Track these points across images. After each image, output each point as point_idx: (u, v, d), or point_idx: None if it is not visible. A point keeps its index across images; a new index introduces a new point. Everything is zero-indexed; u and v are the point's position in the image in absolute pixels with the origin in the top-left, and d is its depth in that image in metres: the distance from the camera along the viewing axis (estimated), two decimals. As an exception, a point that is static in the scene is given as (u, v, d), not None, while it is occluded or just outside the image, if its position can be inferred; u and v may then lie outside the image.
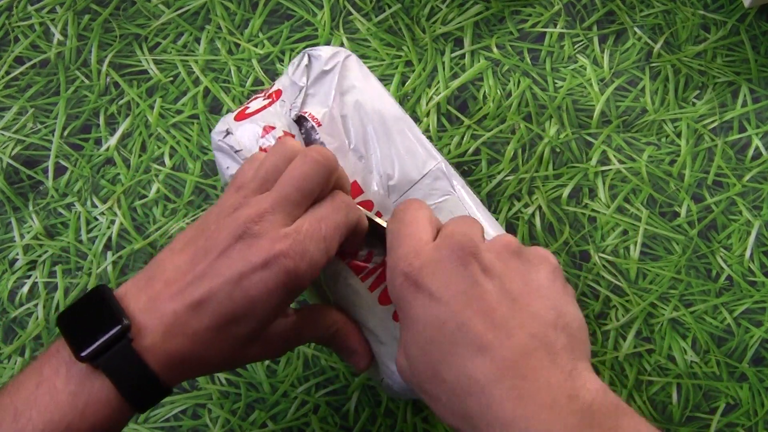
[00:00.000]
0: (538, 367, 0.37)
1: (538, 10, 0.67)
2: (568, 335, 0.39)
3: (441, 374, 0.38)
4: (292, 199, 0.43)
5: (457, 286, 0.39)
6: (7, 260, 0.63)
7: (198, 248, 0.42)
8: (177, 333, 0.41)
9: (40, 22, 0.67)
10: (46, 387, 0.40)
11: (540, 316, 0.39)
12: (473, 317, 0.38)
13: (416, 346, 0.40)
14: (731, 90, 0.65)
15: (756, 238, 0.62)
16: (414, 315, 0.40)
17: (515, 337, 0.38)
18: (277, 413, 0.60)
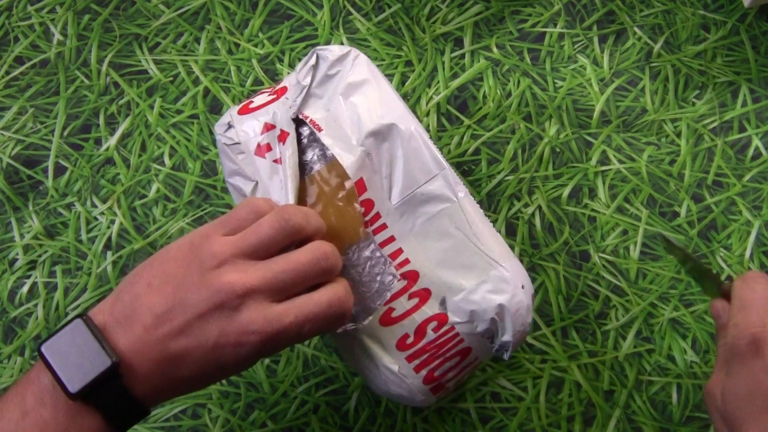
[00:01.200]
0: None
1: (538, 10, 0.67)
2: None
3: (744, 425, 0.45)
4: (282, 286, 0.43)
5: None
6: (7, 260, 0.63)
7: (176, 296, 0.42)
8: (160, 372, 0.42)
9: (40, 22, 0.67)
10: (33, 418, 0.40)
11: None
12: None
13: (734, 394, 0.46)
14: (731, 90, 0.65)
15: (756, 238, 0.62)
16: (745, 372, 0.46)
17: None
18: (277, 413, 0.60)
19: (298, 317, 0.43)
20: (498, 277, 0.49)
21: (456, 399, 0.60)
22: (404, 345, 0.49)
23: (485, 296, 0.48)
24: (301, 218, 0.45)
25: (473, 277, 0.49)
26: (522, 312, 0.49)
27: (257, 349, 0.42)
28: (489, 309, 0.48)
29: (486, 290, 0.48)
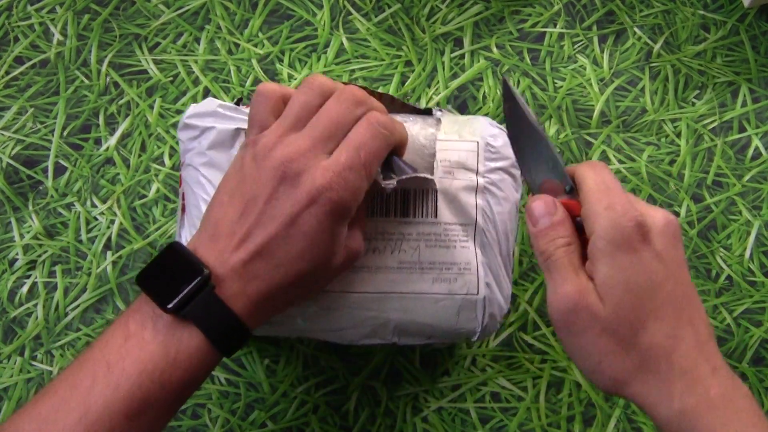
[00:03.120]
0: (717, 355, 0.42)
1: (538, 10, 0.67)
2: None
3: (647, 324, 0.41)
4: (327, 134, 0.44)
5: (676, 257, 0.42)
6: (6, 260, 0.63)
7: (244, 197, 0.43)
8: (251, 278, 0.43)
9: (40, 22, 0.67)
10: (135, 340, 0.42)
11: (704, 315, 0.43)
12: (683, 293, 0.41)
13: (630, 290, 0.41)
14: (731, 90, 0.65)
15: (756, 238, 0.62)
16: (637, 262, 0.41)
17: (703, 324, 0.42)
18: (277, 413, 0.60)
19: (349, 150, 0.43)
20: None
21: (456, 399, 0.60)
22: None
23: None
24: (325, 79, 0.46)
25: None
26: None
27: (332, 202, 0.42)
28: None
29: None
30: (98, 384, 0.41)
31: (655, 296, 0.41)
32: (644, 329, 0.40)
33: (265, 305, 0.44)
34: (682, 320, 0.41)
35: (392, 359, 0.60)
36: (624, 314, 0.40)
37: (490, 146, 0.51)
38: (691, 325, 0.41)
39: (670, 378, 0.40)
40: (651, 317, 0.41)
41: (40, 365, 0.61)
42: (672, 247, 0.42)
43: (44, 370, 0.61)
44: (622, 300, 0.40)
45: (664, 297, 0.41)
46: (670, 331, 0.41)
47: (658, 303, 0.41)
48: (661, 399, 0.40)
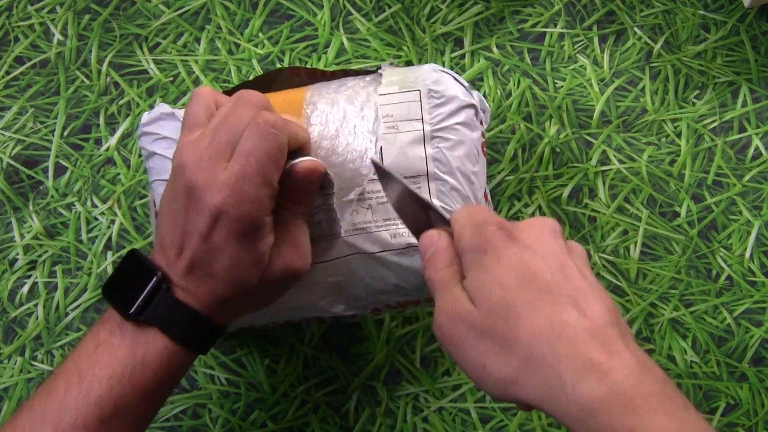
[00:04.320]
0: (619, 338, 0.38)
1: (538, 10, 0.67)
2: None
3: (524, 316, 0.38)
4: (224, 141, 0.43)
5: (549, 248, 0.40)
6: (7, 260, 0.63)
7: (171, 209, 0.44)
8: (199, 283, 0.44)
9: (40, 22, 0.67)
10: (104, 347, 0.43)
11: (607, 302, 0.40)
12: (565, 278, 0.39)
13: (498, 285, 0.39)
14: (731, 90, 0.65)
15: (756, 238, 0.62)
16: (503, 257, 0.40)
17: (598, 308, 0.39)
18: (277, 413, 0.60)
19: (240, 159, 0.43)
20: None
21: (456, 399, 0.60)
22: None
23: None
24: (251, 92, 0.46)
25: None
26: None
27: (232, 219, 0.42)
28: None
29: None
30: (71, 392, 0.42)
31: (529, 286, 0.39)
32: (521, 320, 0.38)
33: (224, 306, 0.45)
34: (565, 306, 0.38)
35: (392, 359, 0.60)
36: (496, 311, 0.39)
37: (433, 92, 0.50)
38: (578, 309, 0.38)
39: (558, 367, 0.37)
40: (526, 307, 0.38)
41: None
42: (546, 240, 0.41)
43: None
44: (491, 297, 0.39)
45: (541, 285, 0.39)
46: (552, 318, 0.38)
47: (533, 292, 0.39)
48: (552, 391, 0.37)
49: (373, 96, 0.50)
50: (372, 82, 0.51)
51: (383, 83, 0.50)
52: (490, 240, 0.40)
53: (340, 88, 0.52)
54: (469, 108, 0.51)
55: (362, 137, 0.49)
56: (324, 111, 0.50)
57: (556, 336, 0.38)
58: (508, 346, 0.38)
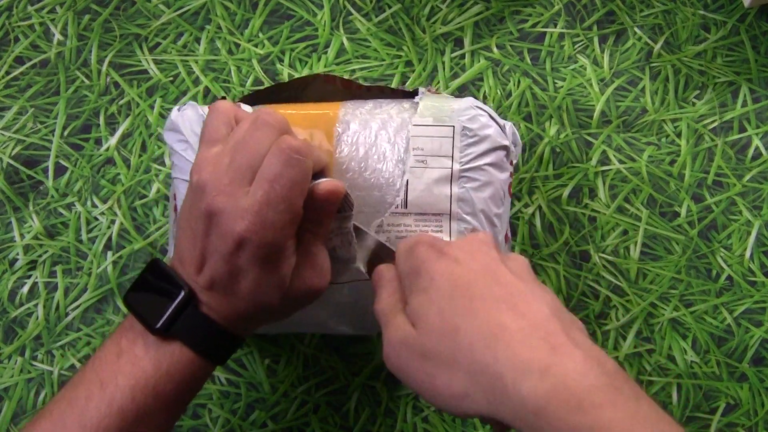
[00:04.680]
0: (562, 333, 0.37)
1: (538, 10, 0.67)
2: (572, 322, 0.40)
3: (461, 326, 0.38)
4: (245, 165, 0.43)
5: (481, 259, 0.41)
6: (7, 260, 0.63)
7: (190, 226, 0.44)
8: (220, 299, 0.44)
9: (40, 22, 0.67)
10: (127, 357, 0.43)
11: (547, 299, 0.40)
12: (497, 283, 0.40)
13: (433, 304, 0.39)
14: (731, 90, 0.65)
15: (756, 238, 0.62)
16: (435, 275, 0.40)
17: (536, 306, 0.39)
18: (277, 413, 0.60)
19: (264, 186, 0.42)
20: None
21: (456, 399, 0.60)
22: None
23: None
24: (240, 109, 0.47)
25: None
26: None
27: (256, 246, 0.42)
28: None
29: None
30: (92, 401, 0.42)
31: (463, 297, 0.39)
32: (459, 331, 0.38)
33: (245, 321, 0.45)
34: (501, 311, 0.38)
35: (392, 359, 0.60)
36: (435, 329, 0.39)
37: (467, 129, 0.49)
38: (514, 311, 0.38)
39: (499, 371, 0.36)
40: (462, 318, 0.38)
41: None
42: (476, 251, 0.41)
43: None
44: (429, 318, 0.39)
45: (474, 294, 0.39)
46: (488, 322, 0.37)
47: (466, 302, 0.38)
48: (498, 397, 0.36)
49: (406, 124, 0.49)
50: (408, 110, 0.50)
51: (418, 112, 0.50)
52: (421, 259, 0.41)
53: (374, 110, 0.51)
54: (501, 149, 0.51)
55: (391, 165, 0.49)
56: (356, 132, 0.50)
57: (494, 339, 0.37)
58: (451, 361, 0.38)
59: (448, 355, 0.38)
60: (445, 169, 0.49)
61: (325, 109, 0.52)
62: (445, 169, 0.49)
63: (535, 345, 0.36)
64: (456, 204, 0.48)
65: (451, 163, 0.49)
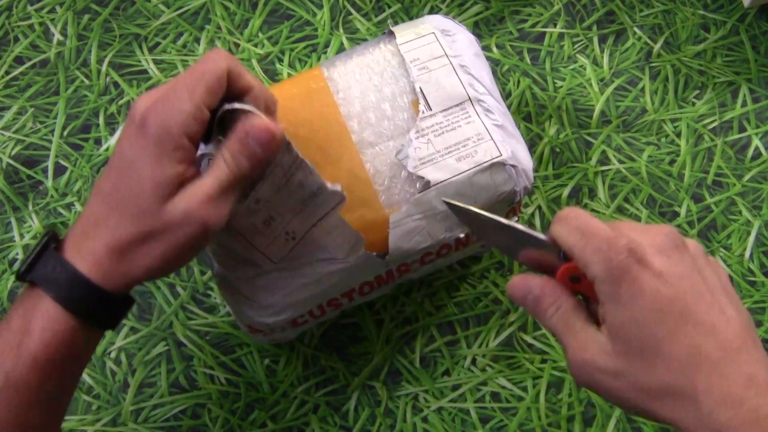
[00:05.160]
0: (753, 357, 0.39)
1: (538, 10, 0.67)
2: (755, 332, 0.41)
3: (662, 348, 0.39)
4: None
5: (679, 268, 0.40)
6: (7, 260, 0.62)
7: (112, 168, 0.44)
8: (95, 229, 0.42)
9: (40, 22, 0.67)
10: (6, 319, 0.42)
11: (741, 310, 0.40)
12: (697, 299, 0.39)
13: (635, 324, 0.39)
14: (731, 90, 0.65)
15: (756, 238, 0.62)
16: (637, 290, 0.39)
17: (734, 326, 0.39)
18: (277, 413, 0.60)
19: (174, 79, 0.42)
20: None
21: (456, 399, 0.60)
22: None
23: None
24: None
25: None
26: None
27: (154, 125, 0.41)
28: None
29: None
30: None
31: (665, 318, 0.39)
32: (659, 356, 0.39)
33: (118, 260, 0.42)
34: (701, 334, 0.39)
35: (392, 359, 0.60)
36: (633, 350, 0.39)
37: (445, 32, 0.54)
38: (713, 335, 0.39)
39: (698, 399, 0.38)
40: (662, 342, 0.39)
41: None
42: (673, 258, 0.40)
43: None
44: (629, 337, 0.39)
45: (676, 315, 0.39)
46: (690, 349, 0.38)
47: (669, 324, 0.39)
48: (689, 416, 0.38)
49: (393, 46, 0.54)
50: (385, 39, 0.54)
51: (399, 35, 0.54)
52: (625, 269, 0.39)
53: (353, 55, 0.54)
54: (476, 41, 0.56)
55: (401, 82, 0.52)
56: (348, 72, 0.53)
57: (694, 369, 0.38)
58: (646, 385, 0.39)
59: (644, 379, 0.39)
60: (446, 65, 0.53)
61: (308, 77, 0.53)
62: (445, 65, 0.53)
63: (733, 378, 0.38)
64: (469, 88, 0.52)
65: (447, 59, 0.53)
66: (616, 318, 0.39)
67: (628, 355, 0.39)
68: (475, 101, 0.52)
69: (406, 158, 0.50)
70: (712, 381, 0.38)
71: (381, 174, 0.51)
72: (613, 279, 0.39)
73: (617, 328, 0.39)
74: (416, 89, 0.52)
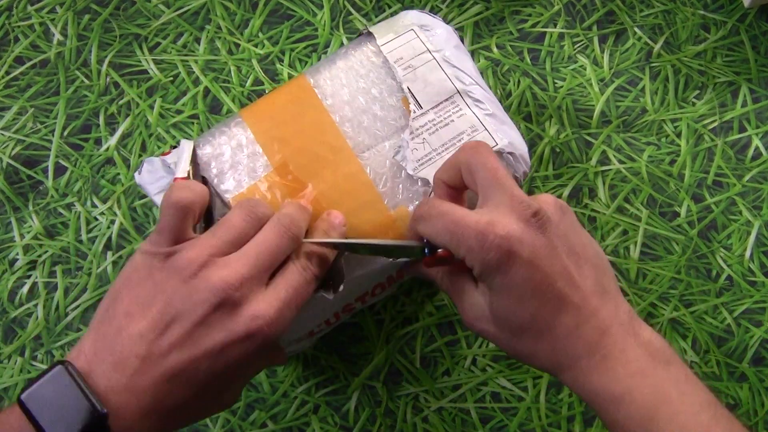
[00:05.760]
0: (608, 312, 0.42)
1: (538, 10, 0.67)
2: (610, 274, 0.44)
3: (533, 327, 0.42)
4: (267, 265, 0.43)
5: (544, 251, 0.42)
6: (7, 260, 0.63)
7: (165, 312, 0.40)
8: (152, 412, 0.39)
9: (40, 22, 0.67)
10: None
11: (594, 264, 0.43)
12: (556, 278, 0.42)
13: (511, 307, 0.42)
14: (731, 90, 0.65)
15: (756, 238, 0.62)
16: (510, 280, 0.42)
17: (586, 289, 0.42)
18: (277, 413, 0.60)
19: (288, 290, 0.43)
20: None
21: (456, 399, 0.60)
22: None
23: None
24: (264, 207, 0.45)
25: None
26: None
27: (266, 338, 0.41)
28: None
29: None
30: None
31: (537, 302, 0.42)
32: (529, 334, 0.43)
33: (165, 421, 0.41)
34: (566, 312, 0.42)
35: (392, 359, 0.60)
36: (513, 327, 0.43)
37: (424, 27, 0.54)
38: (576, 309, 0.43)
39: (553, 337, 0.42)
40: (538, 322, 0.42)
41: (41, 365, 0.61)
42: (538, 245, 0.42)
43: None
44: (506, 317, 0.43)
45: (547, 299, 0.42)
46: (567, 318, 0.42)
47: (544, 308, 0.42)
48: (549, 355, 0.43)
49: (375, 46, 0.53)
50: (364, 41, 0.54)
51: (378, 36, 0.53)
52: (495, 266, 0.42)
53: (336, 60, 0.53)
54: (453, 31, 0.55)
55: (387, 81, 0.52)
56: (334, 77, 0.53)
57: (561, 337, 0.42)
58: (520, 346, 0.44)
59: (531, 344, 0.43)
60: (429, 61, 0.52)
61: (294, 87, 0.53)
62: (429, 61, 0.52)
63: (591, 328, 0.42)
64: (455, 80, 0.52)
65: (430, 55, 0.52)
66: (494, 302, 0.43)
67: (507, 329, 0.43)
68: (464, 93, 0.52)
69: (405, 160, 0.50)
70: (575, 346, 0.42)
71: (381, 175, 0.50)
72: (489, 273, 0.42)
73: (496, 308, 0.43)
74: (404, 89, 0.51)
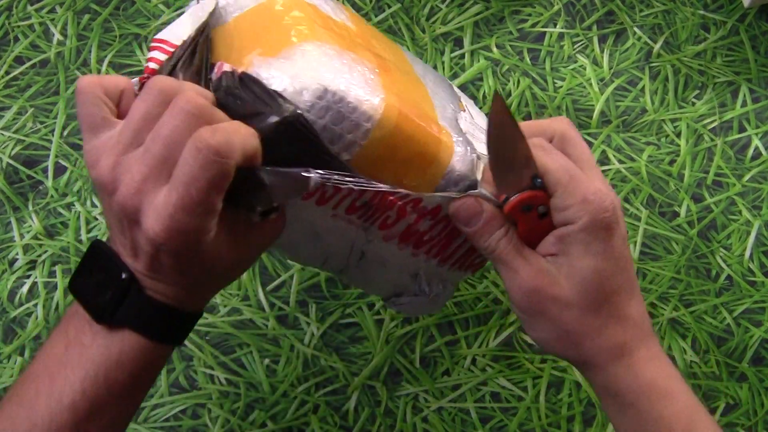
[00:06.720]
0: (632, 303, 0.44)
1: (538, 10, 0.67)
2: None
3: (614, 300, 0.43)
4: (163, 157, 0.38)
5: (626, 233, 0.44)
6: (6, 260, 0.63)
7: (115, 221, 0.40)
8: (163, 277, 0.41)
9: (40, 22, 0.67)
10: (75, 347, 0.41)
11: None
12: (630, 265, 0.44)
13: (597, 271, 0.43)
14: (731, 90, 0.65)
15: (756, 238, 0.62)
16: (610, 246, 0.42)
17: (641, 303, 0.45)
18: (277, 413, 0.60)
19: (179, 189, 0.37)
20: None
21: (456, 399, 0.60)
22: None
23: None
24: (168, 81, 0.39)
25: None
26: None
27: (173, 252, 0.39)
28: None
29: None
30: (41, 397, 0.40)
31: (623, 279, 0.43)
32: (610, 303, 0.43)
33: (196, 292, 0.42)
34: (636, 298, 0.44)
35: (392, 359, 0.60)
36: (590, 294, 0.42)
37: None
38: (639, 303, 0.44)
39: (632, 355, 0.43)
40: (626, 295, 0.43)
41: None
42: (623, 227, 0.43)
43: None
44: (589, 282, 0.42)
45: (629, 280, 0.43)
46: (637, 306, 0.44)
47: (626, 287, 0.43)
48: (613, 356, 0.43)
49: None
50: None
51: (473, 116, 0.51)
52: (605, 227, 0.42)
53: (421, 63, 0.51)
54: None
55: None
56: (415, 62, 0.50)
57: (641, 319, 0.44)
58: (591, 322, 0.43)
59: (593, 318, 0.44)
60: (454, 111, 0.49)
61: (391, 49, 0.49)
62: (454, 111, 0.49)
63: (648, 326, 0.44)
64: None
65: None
66: (582, 262, 0.42)
67: (588, 299, 0.43)
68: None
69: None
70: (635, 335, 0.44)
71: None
72: (594, 231, 0.42)
73: (579, 270, 0.42)
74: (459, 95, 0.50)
